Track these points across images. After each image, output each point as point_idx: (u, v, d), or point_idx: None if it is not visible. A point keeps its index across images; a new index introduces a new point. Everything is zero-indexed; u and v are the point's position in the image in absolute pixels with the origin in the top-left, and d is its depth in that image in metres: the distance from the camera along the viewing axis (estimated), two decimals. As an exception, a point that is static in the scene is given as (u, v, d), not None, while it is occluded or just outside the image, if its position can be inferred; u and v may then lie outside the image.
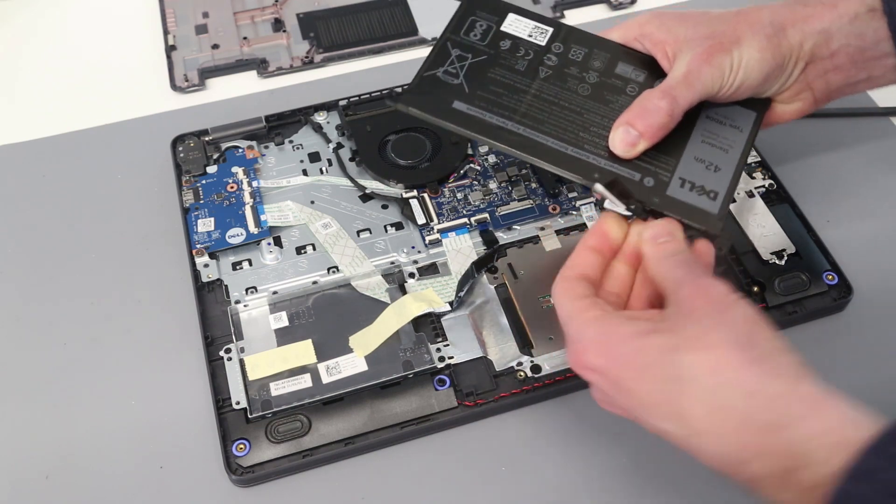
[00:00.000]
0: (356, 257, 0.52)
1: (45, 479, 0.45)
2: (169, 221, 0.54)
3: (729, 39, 0.41)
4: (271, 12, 0.69)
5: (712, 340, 0.33)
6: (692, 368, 0.33)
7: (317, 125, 0.59)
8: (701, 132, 0.43)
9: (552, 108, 0.43)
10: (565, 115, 0.43)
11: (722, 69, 0.41)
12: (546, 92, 0.44)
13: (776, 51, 0.41)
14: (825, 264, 0.51)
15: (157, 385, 0.48)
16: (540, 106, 0.43)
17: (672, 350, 0.33)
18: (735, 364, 0.32)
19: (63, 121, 0.62)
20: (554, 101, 0.43)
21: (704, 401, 0.32)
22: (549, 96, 0.43)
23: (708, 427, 0.33)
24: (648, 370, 0.34)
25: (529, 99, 0.43)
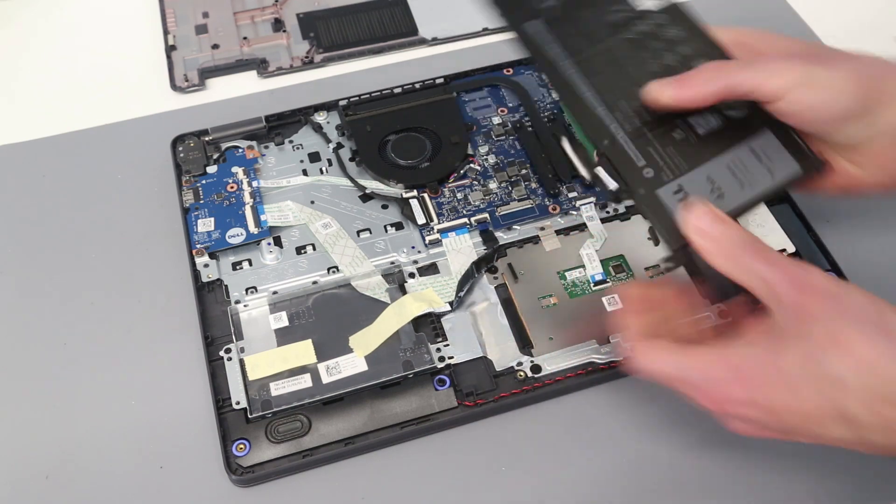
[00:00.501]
0: (356, 257, 0.52)
1: (45, 479, 0.45)
2: (169, 221, 0.55)
3: (818, 57, 0.38)
4: (271, 12, 0.69)
5: (847, 338, 0.32)
6: (841, 371, 0.32)
7: (317, 125, 0.59)
8: (732, 156, 0.40)
9: (612, 68, 0.42)
10: (620, 78, 0.42)
11: (793, 74, 0.37)
12: (618, 51, 0.43)
13: (866, 88, 0.37)
14: (825, 264, 0.51)
15: (157, 385, 0.48)
16: (603, 60, 0.42)
17: (812, 359, 0.33)
18: (880, 355, 0.32)
19: (63, 121, 0.62)
20: (619, 62, 0.42)
21: (864, 399, 0.32)
22: (618, 56, 0.42)
23: (875, 422, 0.32)
24: (799, 385, 0.33)
25: (599, 50, 0.43)
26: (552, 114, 0.59)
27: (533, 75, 0.62)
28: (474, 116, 0.59)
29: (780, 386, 0.34)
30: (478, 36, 0.67)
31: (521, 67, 0.62)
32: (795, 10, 0.68)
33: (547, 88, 0.61)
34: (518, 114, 0.59)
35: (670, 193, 0.40)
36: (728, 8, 0.69)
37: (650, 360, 0.37)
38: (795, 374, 0.33)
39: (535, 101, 0.60)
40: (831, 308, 0.33)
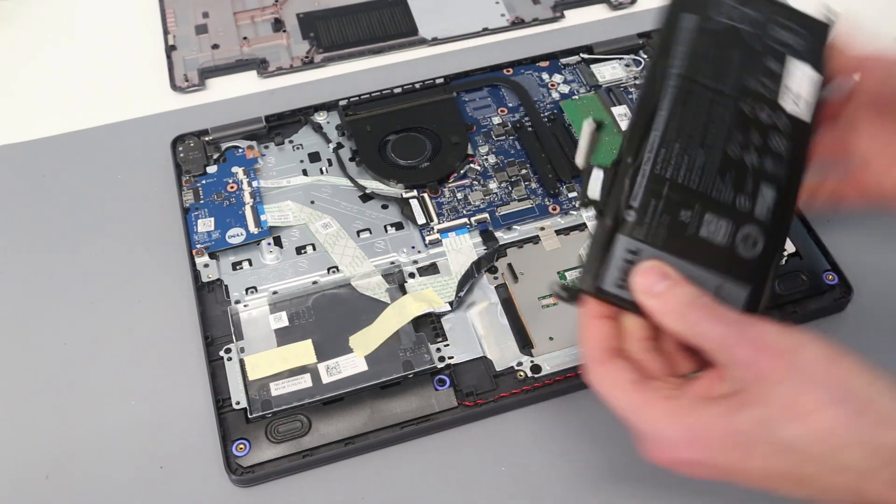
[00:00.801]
0: (356, 257, 0.52)
1: (45, 479, 0.45)
2: (169, 221, 0.55)
3: None
4: (271, 12, 0.69)
5: (807, 405, 0.32)
6: (800, 439, 0.32)
7: (317, 125, 0.59)
8: (701, 275, 0.36)
9: (702, 115, 0.38)
10: (697, 128, 0.38)
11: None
12: (724, 108, 0.39)
13: None
14: (825, 264, 0.51)
15: (157, 385, 0.48)
16: (704, 101, 0.39)
17: (769, 424, 0.32)
18: (841, 425, 0.31)
19: (63, 121, 0.62)
20: (713, 117, 0.39)
21: (824, 465, 0.32)
22: (718, 111, 0.39)
23: (834, 485, 0.32)
24: (755, 448, 0.32)
25: (711, 89, 0.39)
26: (552, 114, 0.59)
27: (533, 75, 0.62)
28: (474, 116, 0.59)
29: (735, 449, 0.33)
30: (478, 36, 0.67)
31: (521, 67, 0.62)
32: (795, 10, 0.68)
33: (547, 88, 0.61)
34: (518, 114, 0.59)
35: (625, 248, 0.36)
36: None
37: (603, 386, 0.35)
38: (752, 437, 0.32)
39: (535, 101, 0.60)
40: (785, 369, 0.32)
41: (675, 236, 0.37)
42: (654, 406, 0.34)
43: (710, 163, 0.38)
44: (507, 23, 0.68)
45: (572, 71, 0.62)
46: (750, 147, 0.38)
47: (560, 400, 0.47)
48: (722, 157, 0.38)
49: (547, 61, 0.63)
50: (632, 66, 0.62)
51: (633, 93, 0.60)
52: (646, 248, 0.36)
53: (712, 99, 0.39)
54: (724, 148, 0.38)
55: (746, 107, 0.39)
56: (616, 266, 0.36)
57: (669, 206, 0.37)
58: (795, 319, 0.49)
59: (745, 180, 0.38)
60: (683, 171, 0.38)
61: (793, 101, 0.39)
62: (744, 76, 0.40)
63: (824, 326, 0.49)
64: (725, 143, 0.38)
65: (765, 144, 0.39)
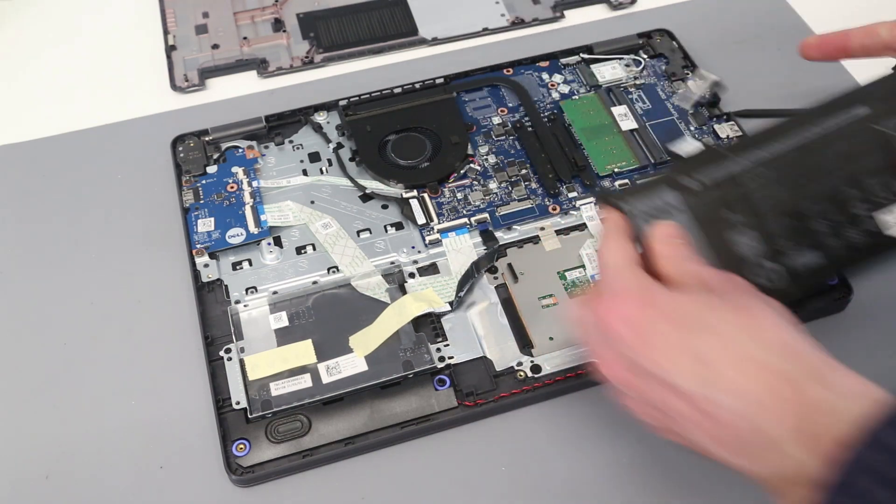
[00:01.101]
0: (356, 257, 0.52)
1: (45, 479, 0.45)
2: (169, 221, 0.55)
3: None
4: (271, 12, 0.69)
5: (759, 311, 0.34)
6: (731, 325, 0.33)
7: (317, 125, 0.59)
8: None
9: (808, 174, 0.41)
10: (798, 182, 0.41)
11: None
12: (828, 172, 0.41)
13: None
14: (825, 264, 0.51)
15: (157, 385, 0.48)
16: (813, 171, 0.41)
17: (713, 307, 0.34)
18: (777, 331, 0.33)
19: (63, 121, 0.62)
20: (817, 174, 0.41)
21: (736, 353, 0.32)
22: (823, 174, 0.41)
23: (734, 377, 0.32)
24: (685, 321, 0.34)
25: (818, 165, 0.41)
26: (552, 114, 0.59)
27: (533, 75, 0.62)
28: (474, 116, 0.59)
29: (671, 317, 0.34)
30: (478, 36, 0.67)
31: (521, 67, 0.62)
32: (795, 10, 0.68)
33: (547, 88, 0.61)
34: (518, 114, 0.59)
35: (667, 199, 0.40)
36: (728, 9, 0.69)
37: (608, 250, 0.38)
38: (692, 312, 0.34)
39: (535, 101, 0.60)
40: (758, 297, 0.35)
41: (711, 223, 0.40)
42: (637, 269, 0.37)
43: (785, 204, 0.40)
44: (507, 23, 0.68)
45: (572, 71, 0.62)
46: (825, 218, 0.40)
47: (560, 400, 0.47)
48: (796, 208, 0.40)
49: (547, 61, 0.63)
50: (632, 66, 0.62)
51: (633, 93, 0.60)
52: (680, 213, 0.40)
53: (830, 169, 0.41)
54: (804, 203, 0.40)
55: (855, 192, 0.40)
56: (651, 204, 0.40)
57: (726, 202, 0.40)
58: (795, 319, 0.49)
59: (800, 235, 0.40)
60: (760, 193, 0.40)
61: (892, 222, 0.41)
62: (867, 174, 0.41)
63: (824, 326, 0.49)
64: (809, 201, 0.40)
65: (838, 226, 0.40)
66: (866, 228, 0.40)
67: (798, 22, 0.68)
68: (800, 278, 0.40)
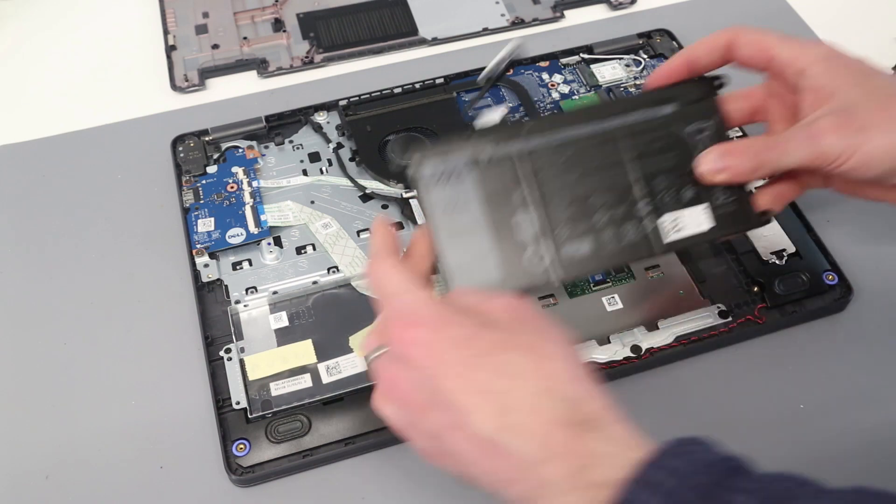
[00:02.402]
0: (356, 257, 0.52)
1: (45, 479, 0.45)
2: (169, 221, 0.54)
3: (861, 122, 0.38)
4: (271, 12, 0.69)
5: (547, 351, 0.34)
6: (522, 368, 0.33)
7: (317, 125, 0.59)
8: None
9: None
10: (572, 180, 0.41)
11: (836, 150, 0.38)
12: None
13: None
14: (825, 264, 0.51)
15: (157, 385, 0.48)
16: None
17: (505, 348, 0.34)
18: (563, 377, 0.33)
19: (63, 121, 0.62)
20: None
21: (525, 401, 0.32)
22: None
23: (521, 420, 0.32)
24: (476, 359, 0.33)
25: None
26: (552, 114, 0.59)
27: (533, 75, 0.62)
28: (474, 116, 0.59)
29: (462, 349, 0.34)
30: (478, 36, 0.67)
31: (521, 67, 0.62)
32: (795, 11, 0.68)
33: (547, 88, 0.61)
34: (518, 114, 0.59)
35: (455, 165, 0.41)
36: (728, 8, 0.69)
37: (381, 273, 0.37)
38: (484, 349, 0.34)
39: (535, 101, 0.60)
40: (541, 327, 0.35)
41: (495, 197, 0.40)
42: (421, 291, 0.36)
43: (571, 190, 0.41)
44: (507, 23, 0.68)
45: (572, 71, 0.62)
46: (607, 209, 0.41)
47: (560, 400, 0.47)
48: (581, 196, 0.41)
49: (547, 61, 0.63)
50: (632, 66, 0.62)
51: (633, 93, 0.60)
52: (467, 181, 0.40)
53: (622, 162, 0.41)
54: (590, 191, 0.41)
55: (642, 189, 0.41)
56: (445, 166, 0.41)
57: (514, 178, 0.40)
58: (795, 319, 0.49)
59: (580, 224, 0.41)
60: (548, 174, 0.41)
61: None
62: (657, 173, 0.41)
63: (824, 326, 0.49)
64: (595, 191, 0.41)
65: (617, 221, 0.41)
66: (642, 228, 0.41)
67: (798, 22, 0.68)
68: (570, 269, 0.40)
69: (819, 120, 0.39)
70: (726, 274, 0.50)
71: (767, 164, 0.39)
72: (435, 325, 0.34)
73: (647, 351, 0.47)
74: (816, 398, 0.46)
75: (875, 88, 0.39)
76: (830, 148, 0.38)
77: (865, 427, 0.45)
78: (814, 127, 0.39)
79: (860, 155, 0.38)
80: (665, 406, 0.46)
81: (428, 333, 0.34)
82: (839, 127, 0.38)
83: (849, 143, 0.38)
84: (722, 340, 0.48)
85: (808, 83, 0.40)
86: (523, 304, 0.36)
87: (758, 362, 0.48)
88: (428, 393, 0.34)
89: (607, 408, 0.33)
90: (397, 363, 0.35)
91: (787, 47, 0.41)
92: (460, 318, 0.35)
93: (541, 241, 0.40)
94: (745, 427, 0.45)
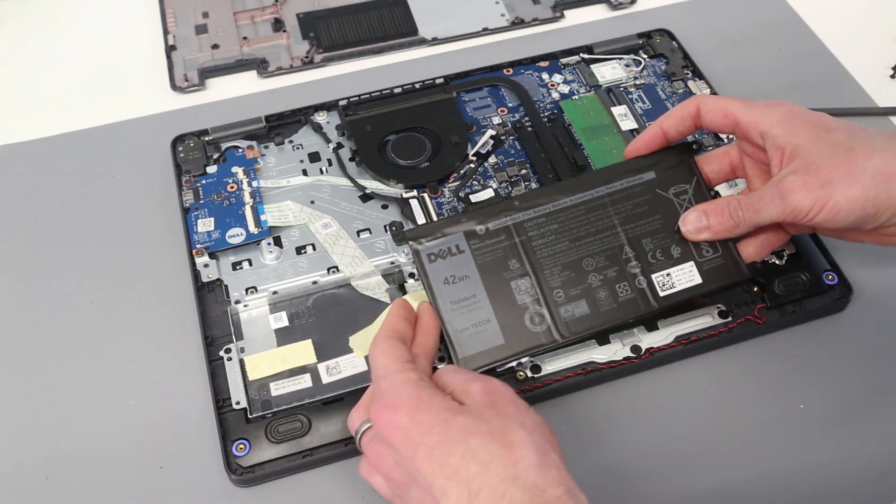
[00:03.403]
0: (356, 257, 0.52)
1: (45, 479, 0.45)
2: (169, 221, 0.55)
3: (824, 178, 0.40)
4: (271, 12, 0.69)
5: (516, 438, 0.35)
6: (490, 454, 0.34)
7: (317, 125, 0.59)
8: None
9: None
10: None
11: (806, 204, 0.41)
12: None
13: (870, 203, 0.40)
14: (825, 264, 0.51)
15: (157, 385, 0.48)
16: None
17: (476, 433, 0.35)
18: (531, 464, 0.34)
19: (63, 121, 0.62)
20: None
21: (493, 487, 0.34)
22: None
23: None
24: (448, 444, 0.35)
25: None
26: (552, 114, 0.59)
27: (533, 75, 0.62)
28: (474, 116, 0.59)
29: (435, 434, 0.35)
30: (478, 36, 0.67)
31: (521, 67, 0.62)
32: (796, 11, 0.68)
33: (547, 88, 0.61)
34: (518, 114, 0.59)
35: (452, 243, 0.44)
36: (728, 9, 0.69)
37: (376, 354, 0.40)
38: (455, 435, 0.35)
39: (535, 101, 0.60)
40: (515, 412, 0.37)
41: (491, 267, 0.44)
42: (405, 374, 0.38)
43: (564, 256, 0.44)
44: (507, 23, 0.68)
45: (572, 71, 0.62)
46: (600, 272, 0.44)
47: (560, 400, 0.47)
48: (574, 260, 0.44)
49: (547, 61, 0.63)
50: (632, 66, 0.62)
51: (633, 93, 0.60)
52: (465, 254, 0.44)
53: (611, 227, 0.45)
54: (582, 255, 0.44)
55: (631, 251, 0.45)
56: (441, 244, 0.44)
57: (508, 248, 0.44)
58: (795, 319, 0.49)
59: (575, 287, 0.44)
60: (540, 242, 0.44)
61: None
62: (646, 234, 0.45)
63: (824, 326, 0.49)
64: (587, 255, 0.45)
65: (611, 281, 0.44)
66: (636, 287, 0.44)
67: (798, 22, 0.68)
68: (572, 327, 0.44)
69: (786, 178, 0.41)
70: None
71: (745, 222, 0.43)
72: (410, 410, 0.36)
73: (647, 351, 0.47)
74: (816, 398, 0.46)
75: (835, 144, 0.41)
76: (800, 203, 0.41)
77: (865, 427, 0.45)
78: (782, 185, 0.41)
79: (828, 208, 0.41)
80: (665, 406, 0.46)
81: (404, 417, 0.36)
82: (804, 185, 0.41)
83: (816, 197, 0.40)
84: (722, 340, 0.48)
85: (772, 143, 0.43)
86: (500, 389, 0.38)
87: (758, 362, 0.48)
88: (406, 472, 0.36)
89: (571, 493, 0.34)
90: (380, 442, 0.38)
91: (748, 112, 0.44)
92: (437, 402, 0.37)
93: (540, 305, 0.43)
94: (744, 427, 0.45)
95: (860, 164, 0.40)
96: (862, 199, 0.40)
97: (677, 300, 0.44)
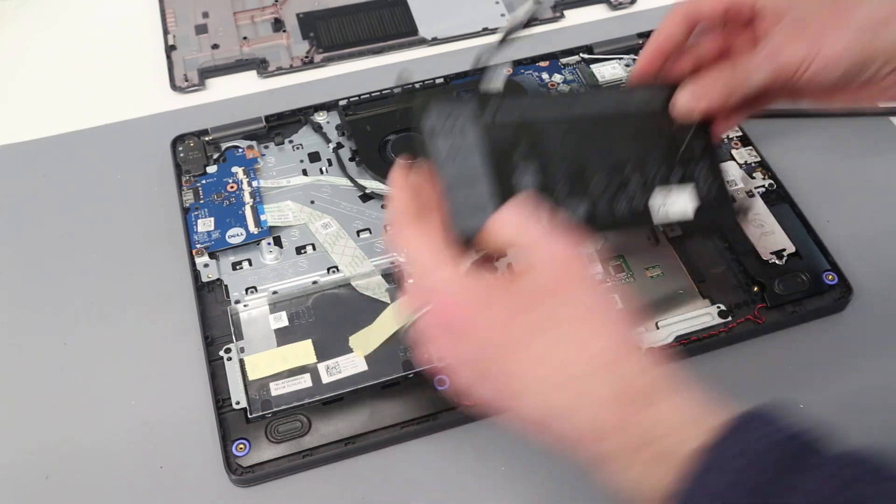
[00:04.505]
0: (356, 257, 0.52)
1: (45, 479, 0.45)
2: (169, 221, 0.55)
3: (815, 29, 0.40)
4: (271, 12, 0.69)
5: (594, 328, 0.34)
6: (569, 344, 0.33)
7: (317, 125, 0.59)
8: None
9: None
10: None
11: (797, 59, 0.40)
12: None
13: (861, 51, 0.40)
14: (825, 264, 0.51)
15: (157, 385, 0.48)
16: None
17: (554, 321, 0.34)
18: (613, 355, 0.33)
19: (63, 121, 0.62)
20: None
21: (578, 377, 0.33)
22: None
23: (573, 400, 0.33)
24: (528, 335, 0.34)
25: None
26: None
27: (533, 75, 0.62)
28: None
29: (513, 332, 0.34)
30: (478, 36, 0.67)
31: (521, 67, 0.62)
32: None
33: (547, 88, 0.61)
34: (518, 114, 0.59)
35: (460, 122, 0.41)
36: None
37: (414, 240, 0.37)
38: (523, 334, 0.34)
39: (535, 101, 0.60)
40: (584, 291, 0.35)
41: (498, 155, 0.41)
42: (449, 269, 0.35)
43: (571, 159, 0.42)
44: (507, 23, 0.68)
45: (572, 71, 0.62)
46: (602, 182, 0.42)
47: (560, 400, 0.47)
48: (580, 166, 0.42)
49: (547, 61, 0.63)
50: (632, 65, 0.62)
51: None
52: (470, 136, 0.41)
53: (619, 142, 0.43)
54: (587, 163, 0.42)
55: (635, 170, 0.43)
56: (448, 121, 0.41)
57: (517, 141, 0.42)
58: (795, 319, 0.49)
59: (577, 189, 0.42)
60: (551, 142, 0.42)
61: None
62: (649, 158, 0.43)
63: (824, 326, 0.49)
64: (592, 164, 0.42)
65: (612, 194, 0.42)
66: (634, 203, 0.42)
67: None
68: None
69: (776, 36, 0.41)
70: (726, 274, 0.50)
71: (737, 88, 0.41)
72: (477, 307, 0.34)
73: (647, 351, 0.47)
74: (816, 398, 0.46)
75: (822, 0, 0.41)
76: (791, 58, 0.40)
77: (866, 427, 0.45)
78: (772, 43, 0.41)
79: (819, 59, 0.40)
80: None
81: (470, 315, 0.34)
82: (795, 38, 0.40)
83: (807, 50, 0.40)
84: (722, 340, 0.48)
85: (763, 8, 0.42)
86: (572, 261, 0.35)
87: (758, 362, 0.48)
88: (481, 369, 0.35)
89: (661, 380, 0.33)
90: (448, 335, 0.36)
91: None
92: (499, 296, 0.34)
93: (541, 195, 0.41)
94: (745, 427, 0.45)
95: (849, 14, 0.40)
96: (853, 46, 0.40)
97: (672, 222, 0.43)
